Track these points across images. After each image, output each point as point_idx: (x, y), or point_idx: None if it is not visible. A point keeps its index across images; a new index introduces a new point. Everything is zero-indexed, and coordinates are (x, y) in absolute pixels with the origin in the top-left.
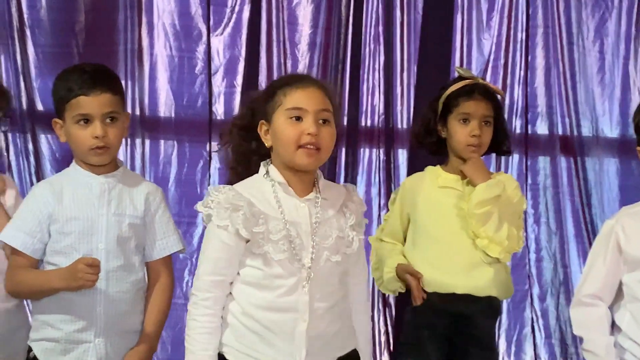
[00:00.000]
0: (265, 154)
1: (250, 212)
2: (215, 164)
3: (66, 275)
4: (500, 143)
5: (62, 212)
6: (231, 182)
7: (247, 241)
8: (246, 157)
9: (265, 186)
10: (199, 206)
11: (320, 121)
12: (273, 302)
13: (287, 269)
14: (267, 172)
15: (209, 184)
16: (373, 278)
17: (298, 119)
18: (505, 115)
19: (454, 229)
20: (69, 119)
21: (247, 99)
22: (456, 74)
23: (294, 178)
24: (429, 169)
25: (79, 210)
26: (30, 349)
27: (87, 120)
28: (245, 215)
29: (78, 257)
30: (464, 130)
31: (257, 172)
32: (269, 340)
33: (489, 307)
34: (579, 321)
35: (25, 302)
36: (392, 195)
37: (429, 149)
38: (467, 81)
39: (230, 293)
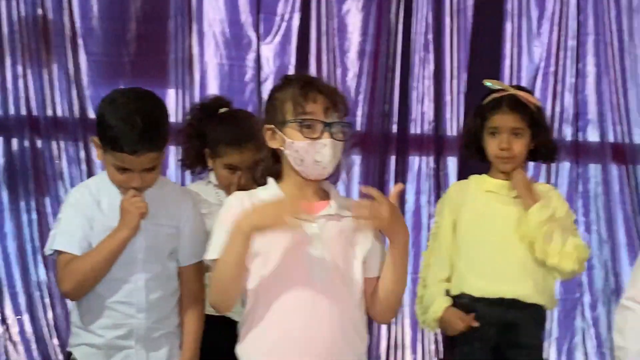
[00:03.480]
0: None
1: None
2: None
3: (122, 220)
4: (540, 152)
5: None
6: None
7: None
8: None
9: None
10: None
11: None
12: None
13: None
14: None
15: None
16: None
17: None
18: (556, 123)
19: (500, 233)
20: (108, 157)
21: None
22: (496, 87)
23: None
24: (474, 177)
25: None
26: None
27: (125, 169)
28: None
29: None
30: (493, 143)
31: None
32: None
33: (536, 315)
34: (617, 325)
35: None
36: (438, 206)
37: (476, 157)
38: (495, 95)
39: None
